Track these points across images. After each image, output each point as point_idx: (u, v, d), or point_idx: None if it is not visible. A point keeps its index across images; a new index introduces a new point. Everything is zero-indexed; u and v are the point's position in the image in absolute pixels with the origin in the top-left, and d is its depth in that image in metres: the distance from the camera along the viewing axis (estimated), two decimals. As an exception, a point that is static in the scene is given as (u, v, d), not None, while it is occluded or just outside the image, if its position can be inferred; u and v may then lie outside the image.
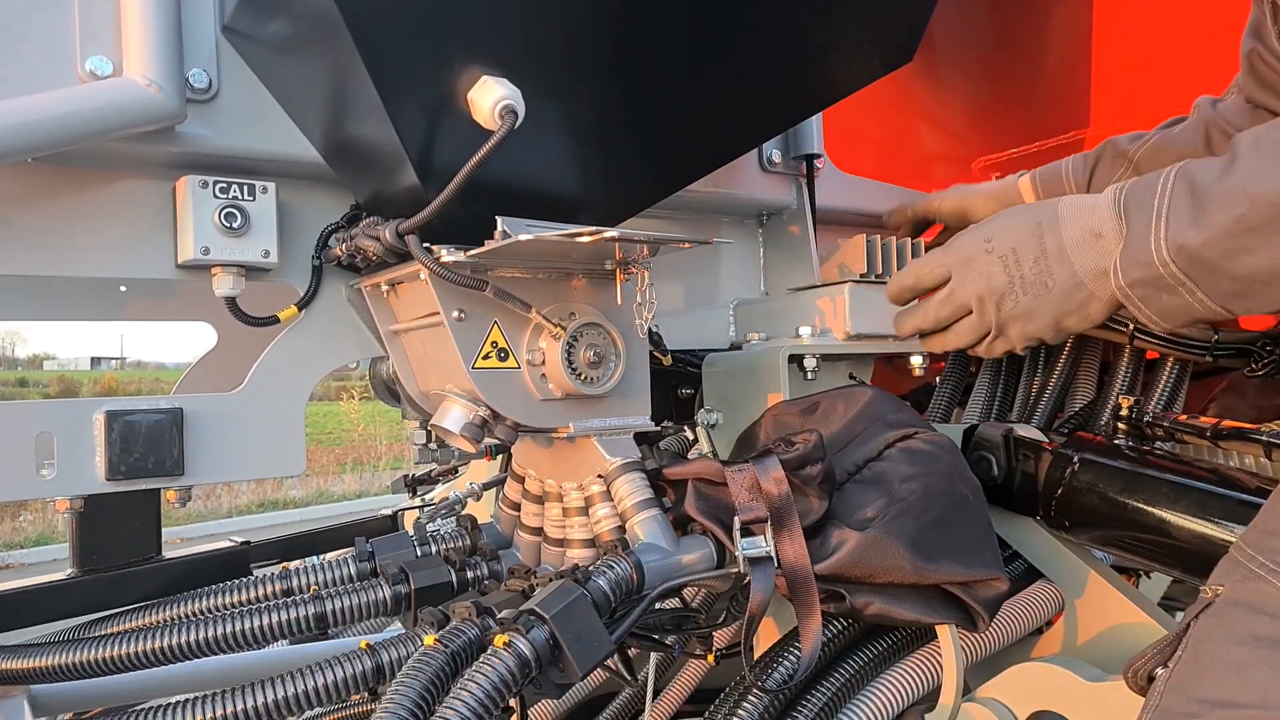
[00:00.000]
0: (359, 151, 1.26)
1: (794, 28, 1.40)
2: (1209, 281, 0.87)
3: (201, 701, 1.02)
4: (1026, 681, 1.28)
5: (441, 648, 0.99)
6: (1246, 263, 0.84)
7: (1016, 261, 1.00)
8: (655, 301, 1.28)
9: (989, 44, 2.21)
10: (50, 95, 1.09)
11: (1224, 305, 0.89)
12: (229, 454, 1.29)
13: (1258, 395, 2.06)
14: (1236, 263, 0.85)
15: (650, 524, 1.22)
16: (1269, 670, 0.89)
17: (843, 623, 1.31)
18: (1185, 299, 0.89)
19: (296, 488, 12.51)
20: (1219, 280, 0.87)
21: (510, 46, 1.14)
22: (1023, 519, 1.56)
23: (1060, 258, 0.97)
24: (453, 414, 1.25)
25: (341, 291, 1.41)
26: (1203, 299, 0.89)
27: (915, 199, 1.50)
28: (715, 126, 1.48)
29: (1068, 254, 0.97)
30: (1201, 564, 1.15)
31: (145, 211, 1.27)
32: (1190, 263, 0.88)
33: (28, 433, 1.18)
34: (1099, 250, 0.95)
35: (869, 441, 1.37)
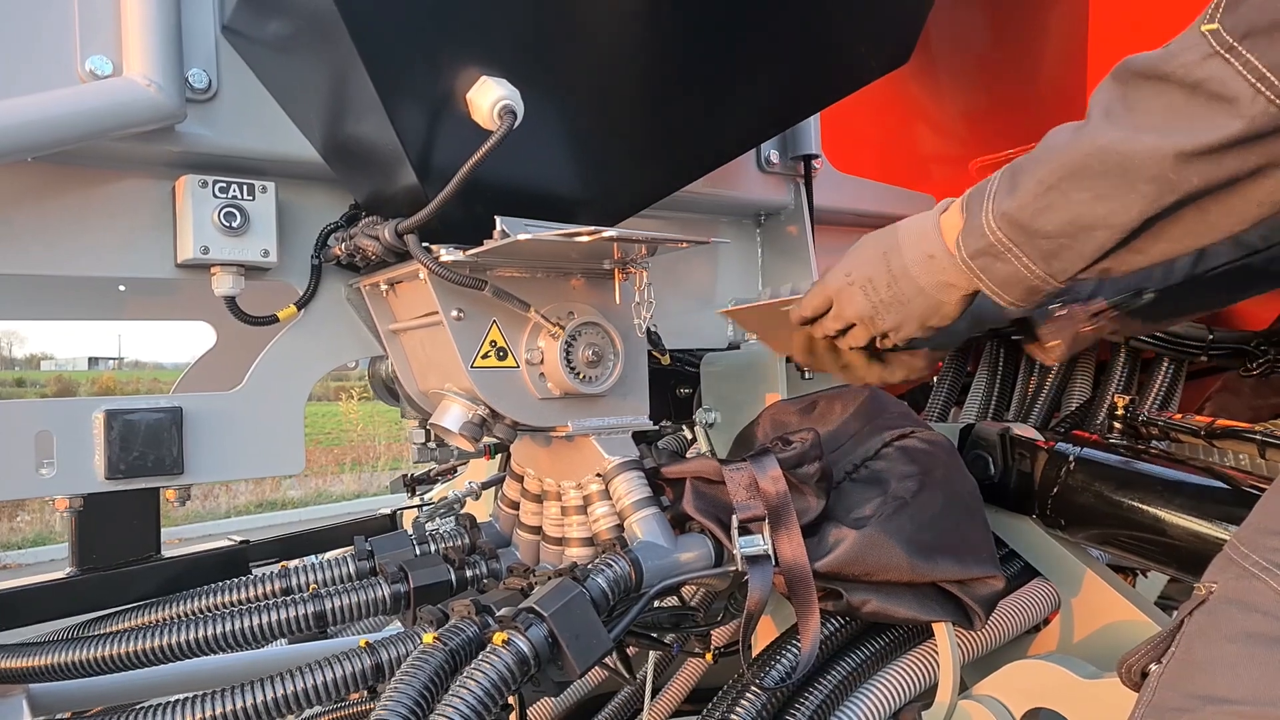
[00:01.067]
0: (358, 151, 1.26)
1: (792, 29, 1.40)
2: (1028, 244, 0.99)
3: (201, 700, 1.03)
4: (1023, 679, 1.29)
5: (441, 646, 0.99)
6: (1051, 218, 0.95)
7: (874, 288, 1.16)
8: (653, 301, 1.29)
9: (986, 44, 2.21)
10: (50, 95, 1.09)
11: (1044, 268, 0.99)
12: (228, 453, 1.30)
13: (1252, 395, 2.07)
14: (1043, 220, 0.96)
15: (648, 522, 1.23)
16: (1261, 667, 0.90)
17: (840, 620, 1.32)
18: (1014, 265, 1.00)
19: (295, 488, 12.50)
20: (1035, 241, 0.98)
21: (509, 47, 1.14)
22: (1019, 518, 1.56)
23: (906, 278, 1.13)
24: (452, 413, 1.25)
25: (340, 291, 1.42)
26: (1027, 263, 1.00)
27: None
28: (713, 127, 1.48)
29: (911, 275, 1.12)
30: (1196, 562, 1.16)
31: (145, 211, 1.27)
32: (1011, 226, 0.99)
33: (27, 432, 1.18)
34: (934, 268, 1.10)
35: (866, 440, 1.37)
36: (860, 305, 1.18)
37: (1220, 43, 0.80)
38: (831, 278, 1.22)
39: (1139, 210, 0.89)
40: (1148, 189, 0.87)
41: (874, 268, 1.16)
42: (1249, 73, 0.79)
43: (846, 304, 1.19)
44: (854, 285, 1.18)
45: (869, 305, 1.17)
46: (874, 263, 1.16)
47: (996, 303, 1.05)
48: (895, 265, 1.14)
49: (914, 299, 1.13)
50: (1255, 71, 0.78)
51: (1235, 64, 0.79)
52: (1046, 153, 0.97)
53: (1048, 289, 1.02)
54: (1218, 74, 0.80)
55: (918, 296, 1.13)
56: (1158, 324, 1.52)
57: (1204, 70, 0.81)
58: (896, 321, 1.16)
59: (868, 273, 1.17)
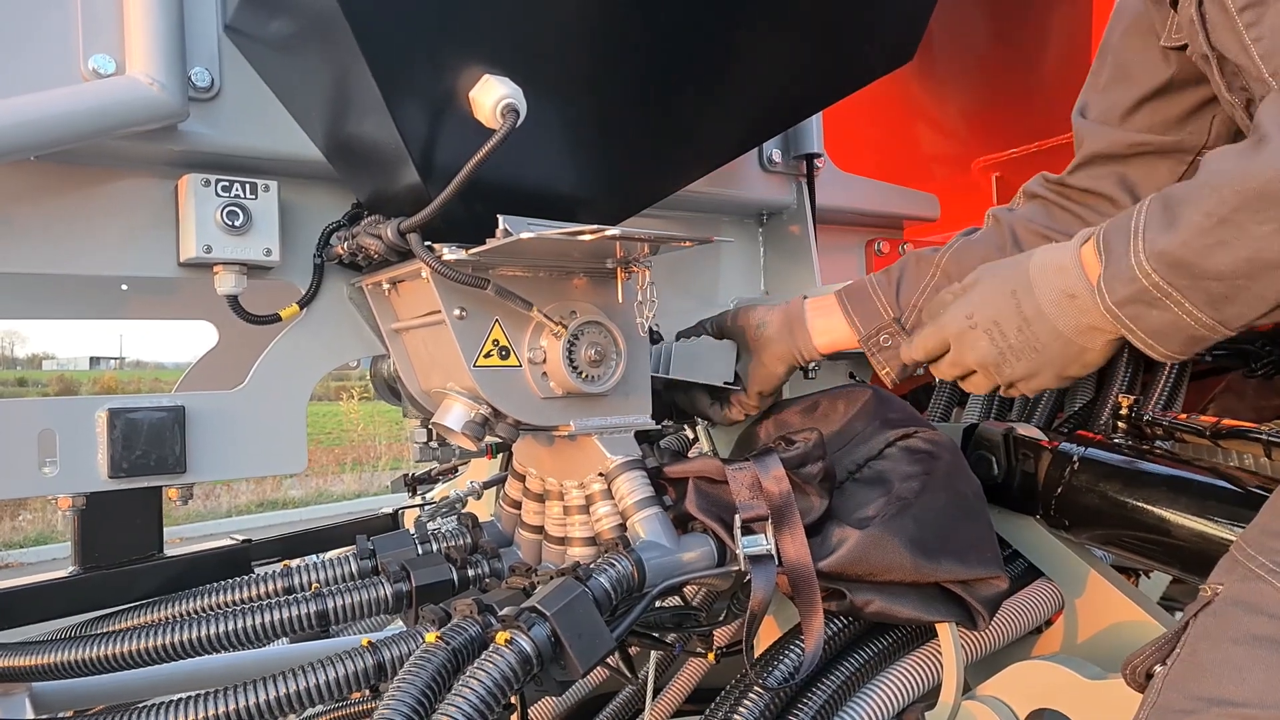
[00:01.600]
0: (361, 150, 1.26)
1: (794, 27, 1.40)
2: (1193, 288, 0.87)
3: (203, 699, 1.02)
4: (1027, 679, 1.28)
5: (443, 645, 0.99)
6: (1224, 257, 0.83)
7: (1001, 333, 1.03)
8: (656, 300, 1.28)
9: (989, 43, 2.21)
10: (53, 93, 1.09)
11: (1214, 315, 0.87)
12: (231, 452, 1.30)
13: (1256, 396, 2.07)
14: (1215, 259, 0.84)
15: (651, 522, 1.22)
16: (1266, 669, 0.90)
17: (843, 621, 1.31)
18: (1174, 312, 0.89)
19: (296, 487, 12.51)
20: (1203, 285, 0.86)
21: (512, 45, 1.14)
22: (1023, 518, 1.56)
23: (1041, 321, 0.99)
24: (454, 412, 1.25)
25: (343, 290, 1.41)
26: (1190, 310, 0.88)
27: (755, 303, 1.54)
28: (715, 126, 1.48)
29: (1047, 317, 0.99)
30: (1201, 563, 1.15)
31: (147, 210, 1.27)
32: (1170, 268, 0.87)
33: (30, 430, 1.18)
34: (1075, 309, 0.97)
35: (869, 440, 1.37)
36: (984, 352, 1.05)
37: None
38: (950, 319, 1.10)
39: None
40: None
41: (1001, 309, 1.03)
42: None
43: (968, 350, 1.07)
44: (977, 329, 1.05)
45: (994, 352, 1.04)
46: (1001, 303, 1.03)
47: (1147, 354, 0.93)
48: (1028, 307, 1.00)
49: (1050, 345, 0.99)
50: None
51: None
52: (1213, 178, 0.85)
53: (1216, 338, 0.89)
54: None
55: (1055, 342, 0.99)
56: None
57: None
58: (1029, 370, 1.03)
59: (993, 315, 1.04)
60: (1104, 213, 1.24)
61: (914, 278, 1.35)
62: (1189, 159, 1.19)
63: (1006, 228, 1.32)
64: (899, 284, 1.35)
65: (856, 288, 1.38)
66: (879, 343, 1.34)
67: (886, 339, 1.33)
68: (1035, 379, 1.04)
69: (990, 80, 2.22)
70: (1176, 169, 1.20)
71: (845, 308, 1.36)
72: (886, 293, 1.35)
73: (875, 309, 1.35)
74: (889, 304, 1.34)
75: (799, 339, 1.38)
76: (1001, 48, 2.19)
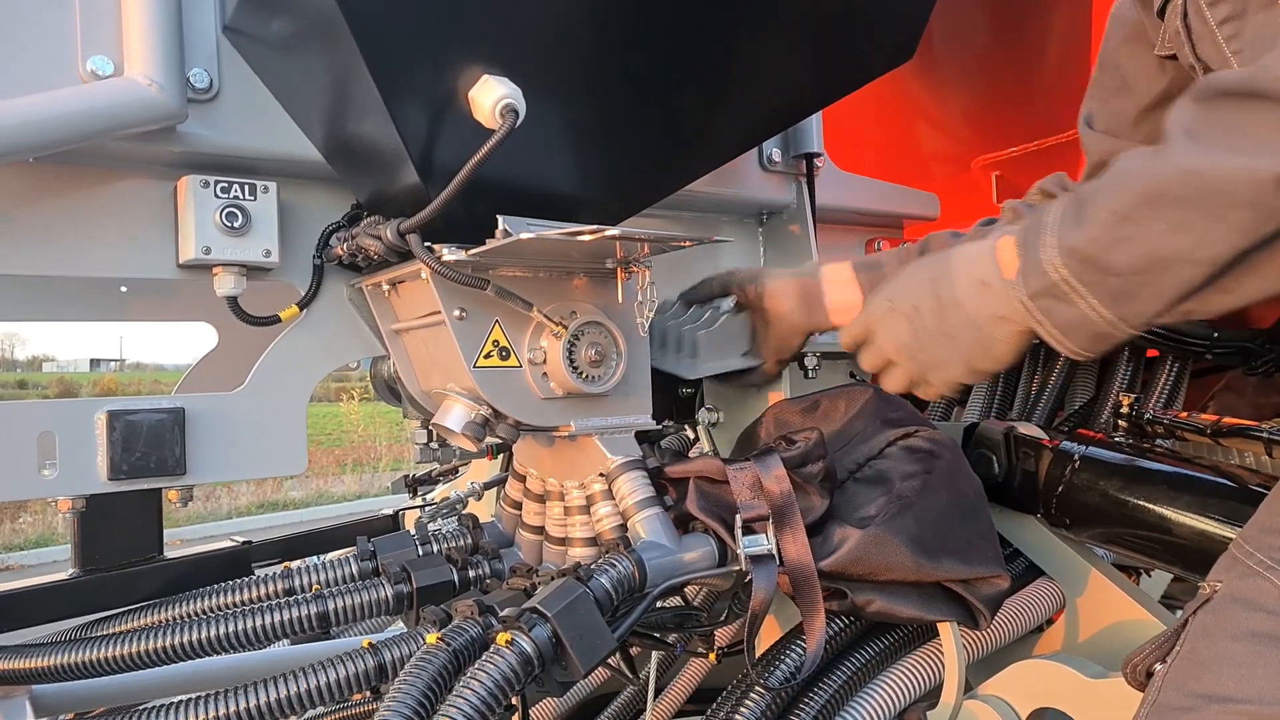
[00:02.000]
0: (360, 150, 1.26)
1: (794, 26, 1.40)
2: (1097, 283, 0.89)
3: (204, 701, 1.02)
4: (1028, 679, 1.28)
5: (444, 646, 0.99)
6: (1125, 254, 0.86)
7: (919, 316, 1.06)
8: (656, 300, 1.28)
9: (989, 42, 2.21)
10: (51, 95, 1.09)
11: (1115, 311, 0.90)
12: (231, 453, 1.29)
13: (1255, 394, 2.07)
14: (1117, 255, 0.87)
15: (652, 522, 1.22)
16: (1265, 666, 0.90)
17: (844, 620, 1.31)
18: (1080, 308, 0.91)
19: (296, 489, 12.50)
20: (1107, 281, 0.88)
21: (511, 45, 1.14)
22: (1024, 517, 1.56)
23: (956, 307, 1.02)
24: (454, 413, 1.25)
25: (343, 291, 1.41)
26: (1095, 305, 0.90)
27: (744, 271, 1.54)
28: (715, 125, 1.48)
29: (962, 303, 1.01)
30: (1202, 561, 1.15)
31: (146, 211, 1.27)
32: (1078, 263, 0.90)
33: (29, 432, 1.18)
34: (987, 297, 0.99)
35: (870, 440, 1.37)
36: (902, 335, 1.08)
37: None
38: (874, 304, 1.13)
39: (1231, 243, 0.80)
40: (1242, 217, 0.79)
41: (920, 294, 1.06)
42: None
43: (887, 334, 1.10)
44: (897, 313, 1.09)
45: (911, 335, 1.07)
46: (920, 289, 1.06)
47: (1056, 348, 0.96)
48: (944, 293, 1.03)
49: (962, 332, 1.02)
50: None
51: None
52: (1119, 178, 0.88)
53: (1118, 335, 0.92)
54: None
55: (966, 330, 1.02)
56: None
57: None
58: (939, 357, 1.06)
59: (913, 300, 1.07)
60: None
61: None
62: None
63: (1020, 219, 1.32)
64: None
65: (872, 263, 1.38)
66: None
67: None
68: (946, 369, 1.06)
69: (990, 79, 2.22)
70: None
71: (860, 280, 1.36)
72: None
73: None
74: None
75: (815, 313, 1.39)
76: (1001, 46, 2.19)
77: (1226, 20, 0.95)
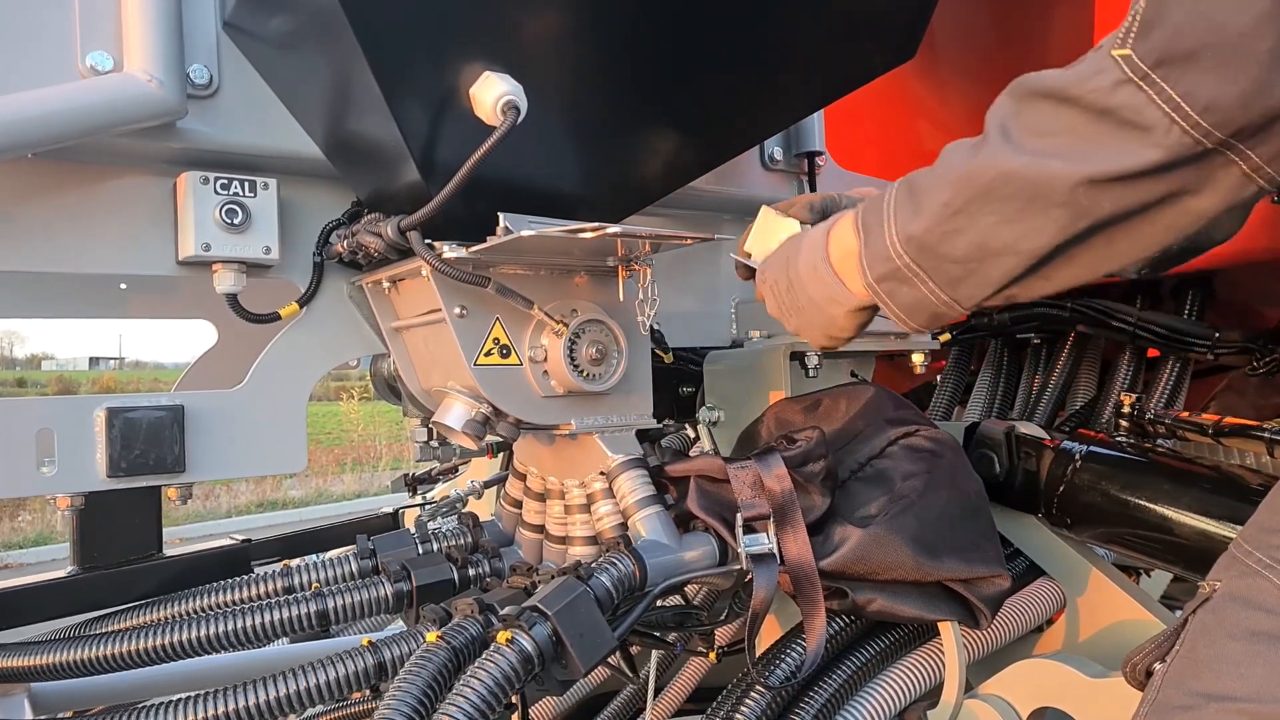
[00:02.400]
0: (361, 147, 1.26)
1: (796, 24, 1.40)
2: (936, 269, 0.96)
3: (203, 699, 1.02)
4: (1029, 678, 1.28)
5: (444, 644, 0.99)
6: (959, 243, 0.92)
7: (778, 291, 1.15)
8: (657, 298, 1.28)
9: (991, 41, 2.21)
10: (51, 90, 1.08)
11: (950, 293, 0.96)
12: (230, 451, 1.29)
13: (1256, 394, 2.07)
14: (951, 244, 0.93)
15: (652, 521, 1.22)
16: (1265, 665, 0.90)
17: (845, 619, 1.31)
18: (920, 290, 0.98)
19: (296, 487, 12.50)
20: (944, 266, 0.95)
21: (512, 42, 1.14)
22: (1025, 516, 1.55)
23: (800, 286, 1.11)
24: (455, 411, 1.25)
25: (343, 288, 1.41)
26: (934, 288, 0.97)
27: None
28: (717, 123, 1.47)
29: (804, 283, 1.11)
30: (1202, 561, 1.15)
31: (146, 208, 1.27)
32: (918, 250, 0.96)
33: (28, 430, 1.17)
34: (817, 281, 1.08)
35: (871, 439, 1.37)
36: (770, 305, 1.18)
37: (1133, 69, 0.78)
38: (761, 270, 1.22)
39: (1050, 236, 0.87)
40: (1059, 214, 0.86)
41: (779, 270, 1.16)
42: (1164, 101, 0.77)
43: (767, 301, 1.20)
44: (765, 284, 1.19)
45: (776, 305, 1.17)
46: (780, 266, 1.16)
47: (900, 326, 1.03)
48: (792, 271, 1.13)
49: (807, 309, 1.12)
50: (1170, 101, 0.77)
51: (1149, 91, 0.78)
52: (947, 171, 0.94)
53: (953, 315, 0.99)
54: (1131, 101, 0.79)
55: (810, 306, 1.11)
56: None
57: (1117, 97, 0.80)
58: (799, 325, 1.15)
59: (774, 274, 1.17)
60: None
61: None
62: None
63: None
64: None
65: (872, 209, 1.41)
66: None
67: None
68: (807, 334, 1.16)
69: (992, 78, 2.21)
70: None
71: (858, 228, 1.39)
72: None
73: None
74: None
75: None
76: (1004, 45, 2.19)
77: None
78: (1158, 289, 2.06)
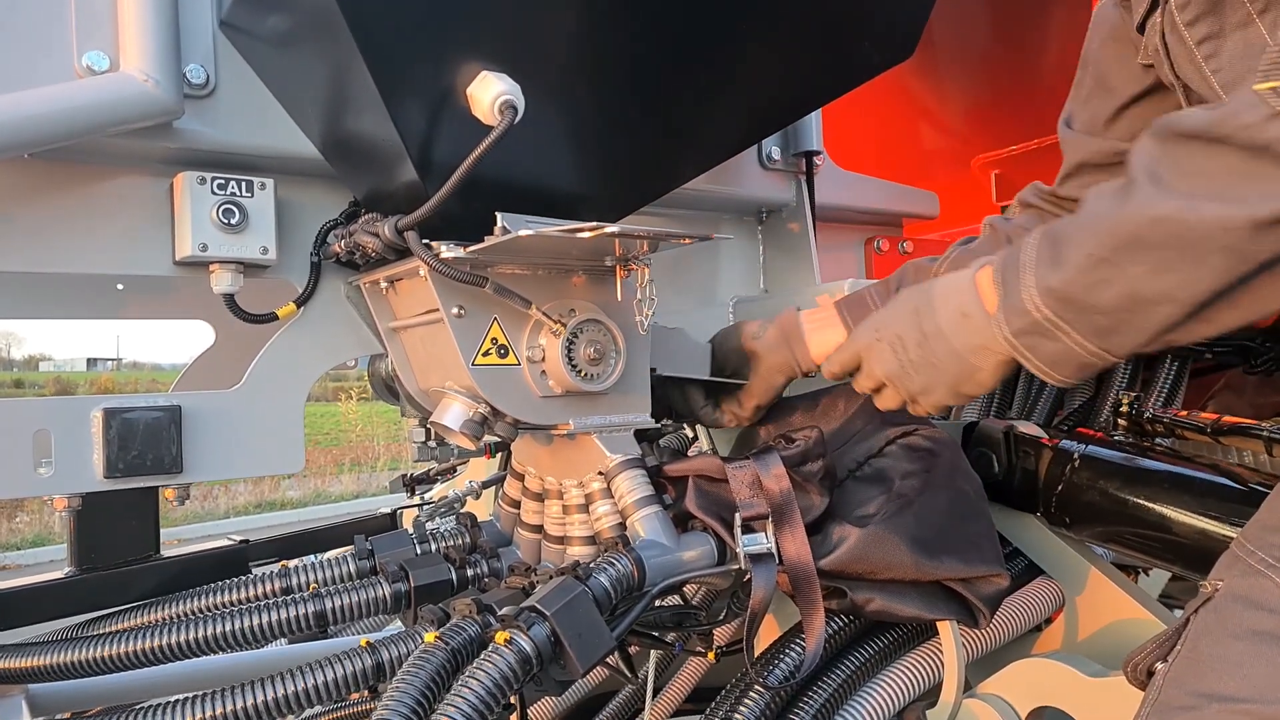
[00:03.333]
0: (358, 147, 1.25)
1: (794, 23, 1.40)
2: (1080, 320, 0.92)
3: (200, 700, 1.02)
4: (1028, 677, 1.28)
5: (442, 645, 0.98)
6: (1106, 294, 0.88)
7: (903, 347, 1.09)
8: (655, 298, 1.28)
9: (989, 40, 2.21)
10: (47, 90, 1.08)
11: (1100, 344, 0.92)
12: (228, 452, 1.29)
13: (1255, 393, 2.07)
14: (1098, 295, 0.89)
15: (651, 521, 1.22)
16: (1267, 665, 0.90)
17: (844, 619, 1.31)
18: (1065, 343, 0.94)
19: (294, 488, 12.49)
20: (1088, 317, 0.91)
21: (510, 41, 1.13)
22: (1023, 515, 1.55)
23: (939, 338, 1.05)
24: (452, 411, 1.24)
25: (340, 288, 1.41)
26: (1080, 340, 0.93)
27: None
28: (715, 123, 1.47)
29: (945, 334, 1.04)
30: (1202, 560, 1.15)
31: (142, 208, 1.27)
32: (1059, 303, 0.92)
33: (25, 430, 1.17)
34: (969, 329, 1.02)
35: (870, 438, 1.37)
36: (888, 364, 1.11)
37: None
38: (861, 333, 1.17)
39: (1209, 284, 0.82)
40: (1218, 260, 0.81)
41: (904, 325, 1.09)
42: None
43: (876, 362, 1.13)
44: (882, 342, 1.12)
45: (897, 365, 1.10)
46: (905, 320, 1.09)
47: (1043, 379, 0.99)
48: (927, 324, 1.06)
49: (945, 362, 1.05)
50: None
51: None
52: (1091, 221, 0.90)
53: (1105, 364, 0.95)
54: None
55: (949, 359, 1.05)
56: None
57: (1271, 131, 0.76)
58: (925, 384, 1.08)
59: (897, 330, 1.10)
60: None
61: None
62: None
63: (1004, 237, 1.32)
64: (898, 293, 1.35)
65: (855, 300, 1.38)
66: None
67: None
68: (933, 394, 1.09)
69: (990, 77, 2.22)
70: None
71: (845, 320, 1.36)
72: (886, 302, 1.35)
73: None
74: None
75: (797, 351, 1.38)
76: (1002, 45, 2.19)
77: (1205, 40, 0.97)
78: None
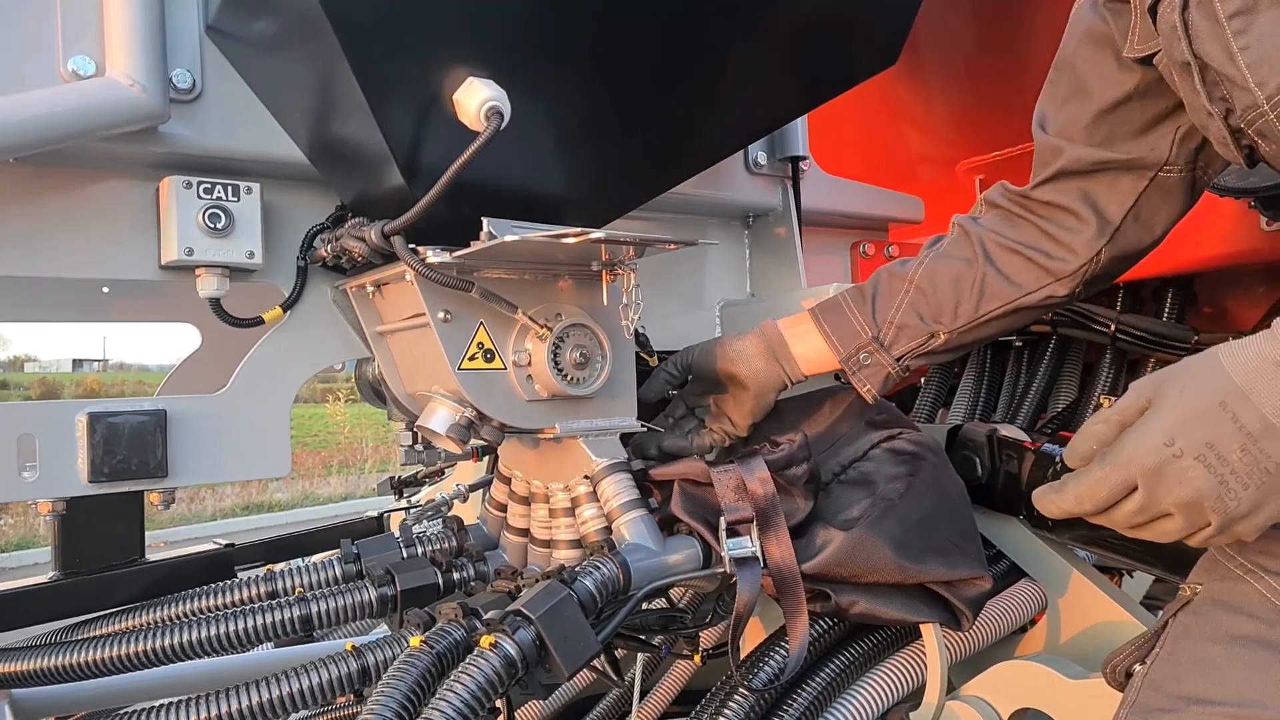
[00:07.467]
0: (344, 152, 1.26)
1: (779, 30, 1.40)
2: None
3: (186, 704, 1.02)
4: (1010, 679, 1.29)
5: (427, 649, 0.99)
6: None
7: (1219, 456, 0.85)
8: (641, 302, 1.28)
9: (973, 46, 2.22)
10: (32, 95, 1.08)
11: None
12: (213, 456, 1.29)
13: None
14: None
15: (636, 524, 1.22)
16: (1244, 669, 0.90)
17: (828, 622, 1.32)
18: None
19: (282, 490, 12.42)
20: None
21: (496, 48, 1.14)
22: (1006, 518, 1.56)
23: (1271, 435, 0.83)
24: (439, 415, 1.25)
25: (327, 292, 1.41)
26: None
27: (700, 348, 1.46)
28: (701, 128, 1.48)
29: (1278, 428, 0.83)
30: (1181, 562, 1.16)
31: (128, 212, 1.26)
32: None
33: (9, 434, 1.17)
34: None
35: (854, 442, 1.38)
36: (1198, 485, 0.85)
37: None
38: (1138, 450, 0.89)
39: None
40: None
41: (1214, 427, 0.84)
42: None
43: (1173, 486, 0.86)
44: (1184, 457, 0.85)
45: (1213, 483, 0.84)
46: (1213, 420, 0.85)
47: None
48: (1248, 419, 0.83)
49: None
50: None
51: None
52: None
53: None
54: None
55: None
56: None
57: None
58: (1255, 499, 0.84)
59: (1204, 435, 0.85)
60: (1066, 225, 1.24)
61: (888, 294, 1.34)
62: (1150, 174, 1.19)
63: (975, 240, 1.31)
64: (874, 301, 1.34)
65: (831, 307, 1.37)
66: (859, 361, 1.34)
67: (866, 357, 1.33)
68: (1263, 510, 0.85)
69: (975, 83, 2.23)
70: (1138, 184, 1.19)
71: (823, 329, 1.35)
72: (862, 310, 1.34)
73: (853, 328, 1.34)
74: (866, 323, 1.34)
75: (786, 364, 1.38)
76: (987, 50, 2.21)
77: (1237, 14, 0.90)
78: (1139, 292, 2.08)
